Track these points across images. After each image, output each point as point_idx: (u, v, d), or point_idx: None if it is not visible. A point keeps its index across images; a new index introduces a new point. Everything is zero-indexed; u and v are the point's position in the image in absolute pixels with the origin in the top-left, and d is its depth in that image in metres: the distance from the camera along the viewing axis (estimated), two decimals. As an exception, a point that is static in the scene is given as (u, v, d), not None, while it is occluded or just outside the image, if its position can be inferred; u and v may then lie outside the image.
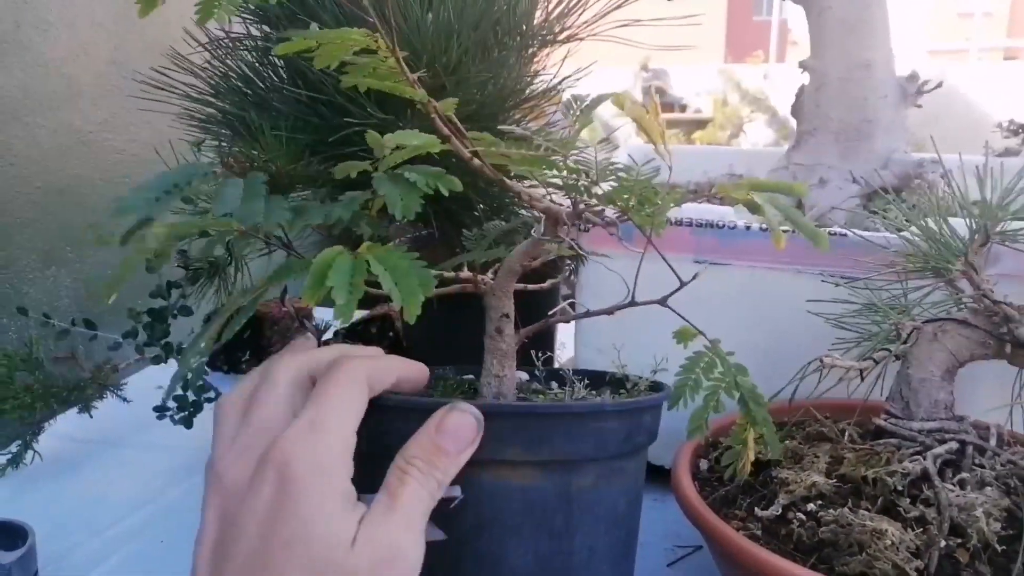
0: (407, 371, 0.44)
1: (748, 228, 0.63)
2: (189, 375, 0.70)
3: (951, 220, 0.52)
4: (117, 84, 1.09)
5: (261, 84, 0.70)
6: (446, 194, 0.39)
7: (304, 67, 0.65)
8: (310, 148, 0.65)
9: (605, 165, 0.40)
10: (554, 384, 0.53)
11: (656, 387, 0.50)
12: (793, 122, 0.83)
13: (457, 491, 0.40)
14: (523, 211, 0.78)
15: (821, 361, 0.49)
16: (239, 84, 0.69)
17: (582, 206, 0.41)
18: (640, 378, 0.51)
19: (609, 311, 0.46)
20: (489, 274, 0.49)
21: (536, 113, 0.77)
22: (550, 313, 0.51)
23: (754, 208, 0.37)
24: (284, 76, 0.72)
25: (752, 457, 0.44)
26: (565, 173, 0.40)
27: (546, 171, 0.40)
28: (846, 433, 0.52)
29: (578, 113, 0.48)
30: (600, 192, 0.40)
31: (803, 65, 0.78)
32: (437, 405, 0.40)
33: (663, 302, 0.44)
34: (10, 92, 0.95)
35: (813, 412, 0.55)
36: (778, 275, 0.63)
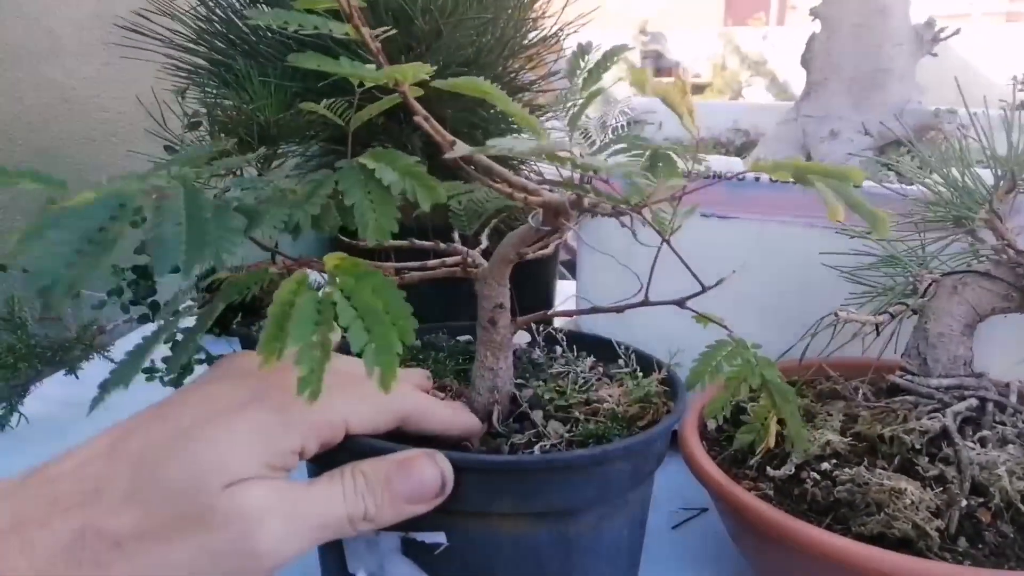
0: (455, 424, 0.40)
1: (757, 179, 0.61)
2: (179, 337, 0.68)
3: (974, 168, 0.49)
4: (101, 37, 1.05)
5: (246, 28, 0.67)
6: (426, 209, 0.32)
7: (292, 9, 0.62)
8: (299, 96, 0.62)
9: (616, 138, 0.36)
10: (557, 350, 0.50)
11: (668, 382, 0.46)
12: (793, 87, 0.80)
13: (441, 537, 0.37)
14: (522, 168, 0.75)
15: (836, 315, 0.47)
16: (223, 28, 0.66)
17: (588, 200, 0.37)
18: (646, 360, 0.47)
19: (618, 309, 0.42)
20: (483, 241, 0.45)
21: (536, 62, 0.74)
22: (551, 311, 0.46)
23: (805, 182, 0.33)
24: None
25: (772, 443, 0.42)
26: (569, 167, 0.35)
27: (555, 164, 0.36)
28: (860, 391, 0.50)
29: (585, 73, 0.43)
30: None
31: (815, 12, 0.75)
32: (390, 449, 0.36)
33: (682, 303, 0.40)
34: (-12, 45, 0.91)
35: (826, 369, 0.53)
36: (788, 228, 0.60)
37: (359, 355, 0.28)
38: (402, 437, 0.38)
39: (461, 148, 0.32)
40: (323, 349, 0.28)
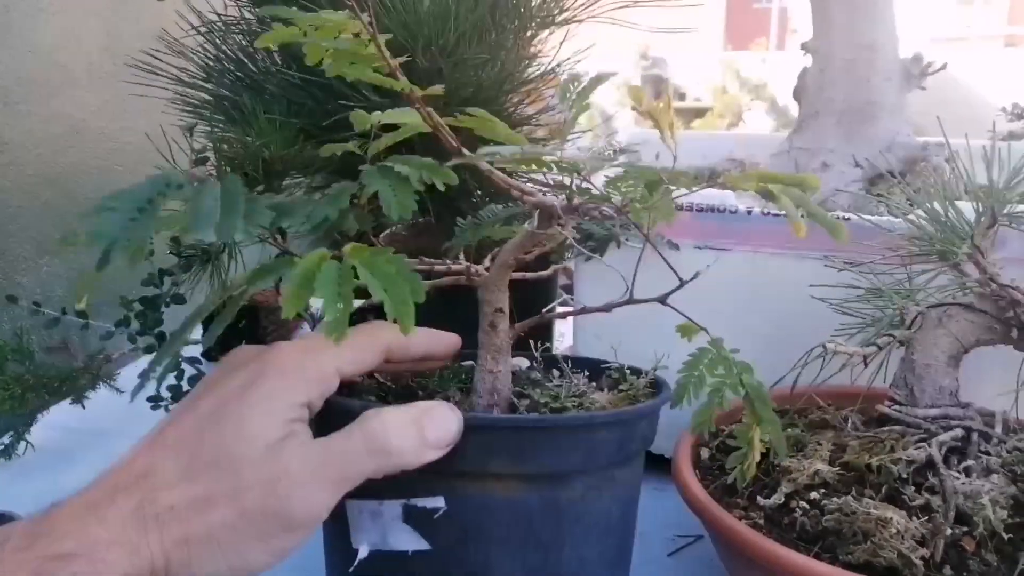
0: (437, 343, 0.44)
1: (749, 212, 0.62)
2: (183, 366, 0.69)
3: (957, 203, 0.51)
4: (110, 71, 1.08)
5: (253, 67, 0.69)
6: (442, 189, 0.37)
7: (298, 50, 0.64)
8: (304, 132, 0.64)
9: (600, 156, 0.39)
10: (555, 372, 0.51)
11: (655, 385, 0.48)
12: (793, 111, 0.82)
13: (440, 501, 0.39)
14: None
15: (824, 347, 0.48)
16: (231, 67, 0.68)
17: (576, 201, 0.39)
18: (640, 374, 0.50)
19: (607, 308, 0.45)
20: (486, 262, 0.47)
21: (534, 97, 0.76)
22: (546, 309, 0.49)
23: (770, 197, 0.36)
24: (278, 59, 0.70)
25: (758, 457, 0.43)
26: (555, 171, 0.38)
27: (535, 167, 0.39)
28: (849, 420, 0.51)
29: (574, 97, 0.46)
30: (596, 184, 0.39)
31: (806, 47, 0.77)
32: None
33: (663, 300, 0.43)
34: (1, 79, 0.93)
35: (816, 399, 0.55)
36: (780, 260, 0.62)
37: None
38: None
39: (472, 155, 0.37)
40: (346, 300, 0.32)
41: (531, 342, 0.52)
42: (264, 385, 0.37)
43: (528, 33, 0.76)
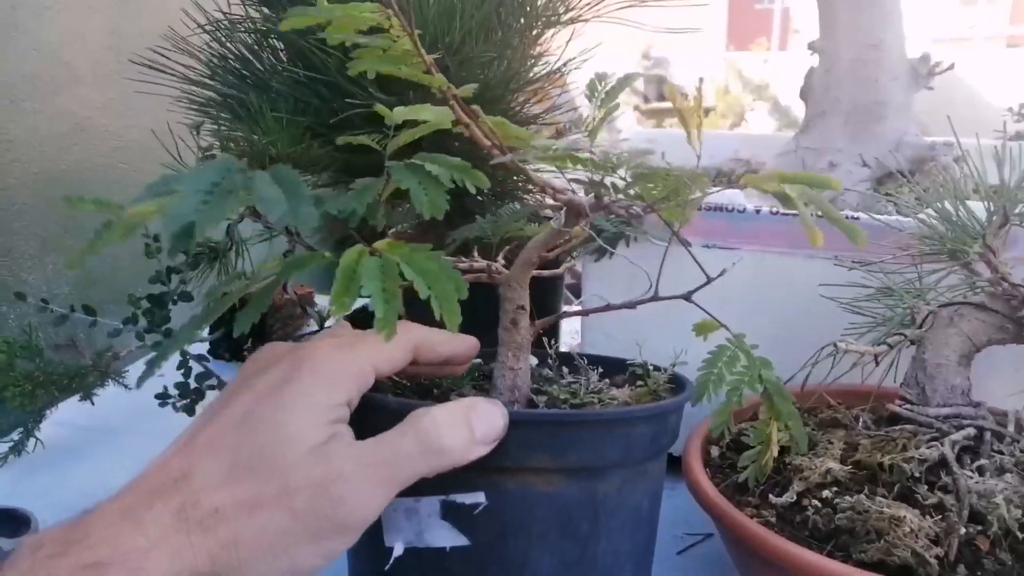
0: (458, 346, 0.44)
1: (758, 212, 0.62)
2: (191, 364, 0.69)
3: (968, 202, 0.50)
4: (115, 69, 1.08)
5: (259, 65, 0.69)
6: (472, 191, 0.37)
7: (305, 48, 0.64)
8: (311, 131, 0.64)
9: (628, 156, 0.39)
10: (564, 370, 0.51)
11: (674, 381, 0.49)
12: (795, 112, 0.82)
13: (481, 497, 0.39)
14: (527, 197, 0.77)
15: (835, 346, 0.48)
16: (237, 65, 0.68)
17: (607, 200, 0.39)
18: (658, 370, 0.50)
19: (631, 305, 0.45)
20: (500, 260, 0.47)
21: (540, 96, 0.76)
22: (567, 309, 0.49)
23: (786, 202, 0.35)
24: (284, 58, 0.70)
25: (775, 453, 0.43)
26: (590, 168, 0.38)
27: (569, 165, 0.39)
28: (860, 419, 0.51)
29: (602, 96, 0.46)
30: (620, 183, 0.39)
31: (812, 46, 0.77)
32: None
33: (688, 297, 0.43)
34: (6, 76, 0.93)
35: (826, 398, 0.54)
36: (789, 259, 0.62)
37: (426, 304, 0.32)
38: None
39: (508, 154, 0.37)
40: (394, 295, 0.32)
41: (544, 340, 0.52)
42: (299, 385, 0.36)
43: (534, 32, 0.76)
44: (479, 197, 0.75)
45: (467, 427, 0.37)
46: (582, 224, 0.40)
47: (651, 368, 0.50)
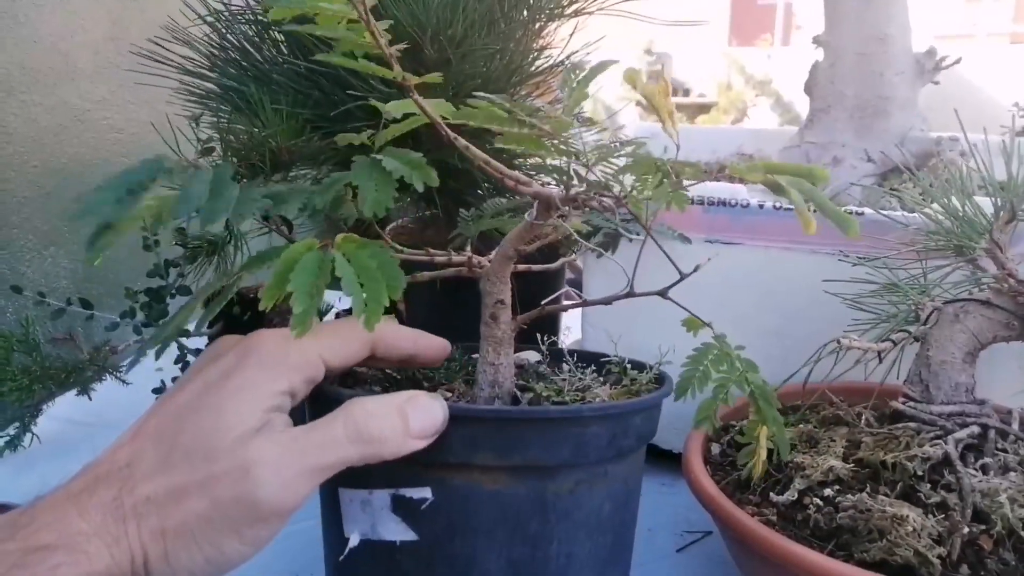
0: (426, 345, 0.43)
1: (761, 207, 0.62)
2: (188, 358, 0.68)
3: (975, 198, 0.50)
4: (115, 61, 1.07)
5: (259, 57, 0.68)
6: (420, 189, 0.37)
7: (305, 40, 0.64)
8: (311, 123, 0.64)
9: (603, 146, 0.38)
10: (563, 366, 0.51)
11: (659, 379, 0.48)
12: (798, 107, 0.82)
13: (427, 492, 0.39)
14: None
15: (839, 342, 0.48)
16: (237, 57, 0.68)
17: (574, 191, 0.39)
18: (643, 368, 0.49)
19: (607, 301, 0.45)
20: (493, 254, 0.47)
21: (543, 89, 0.75)
22: (544, 301, 0.49)
23: (777, 190, 0.35)
24: (284, 49, 0.70)
25: (764, 454, 0.43)
26: (555, 154, 0.38)
27: (540, 152, 0.38)
28: (863, 417, 0.51)
29: (575, 85, 0.45)
30: (596, 174, 0.39)
31: (817, 40, 0.76)
32: None
33: (663, 294, 0.42)
34: (6, 69, 0.93)
35: (828, 395, 0.54)
36: (792, 255, 0.61)
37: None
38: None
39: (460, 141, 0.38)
40: (319, 293, 0.32)
41: (538, 336, 0.51)
42: (243, 373, 0.36)
43: (537, 25, 0.75)
44: (480, 192, 0.74)
45: (400, 418, 0.37)
46: (559, 216, 0.40)
47: (628, 366, 0.50)
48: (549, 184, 0.42)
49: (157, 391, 0.68)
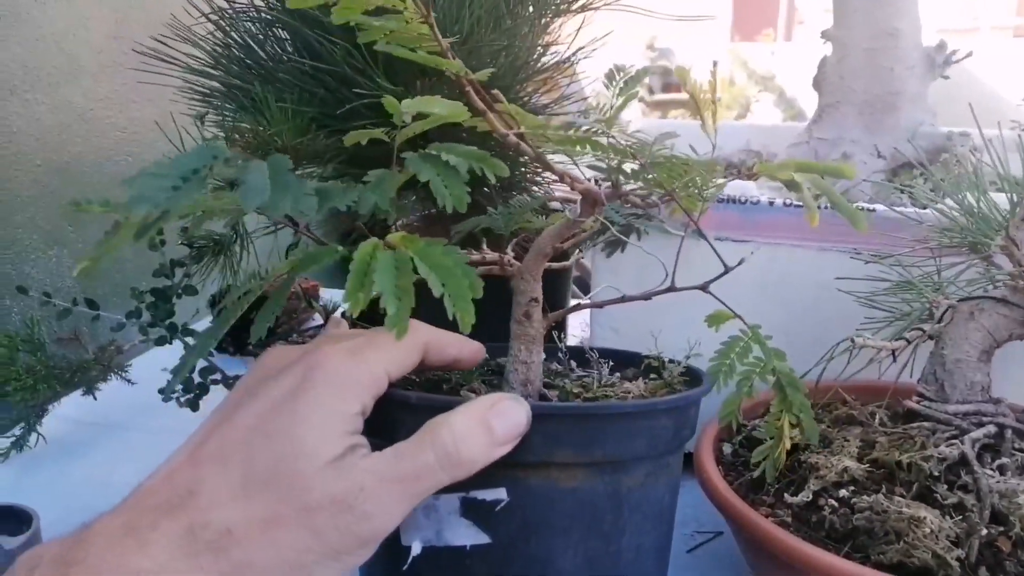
0: (465, 349, 0.43)
1: (771, 203, 0.61)
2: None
3: (990, 193, 0.49)
4: (118, 60, 1.07)
5: (264, 55, 0.67)
6: (493, 180, 0.35)
7: (310, 37, 0.63)
8: (316, 121, 0.63)
9: (645, 145, 0.38)
10: (572, 363, 0.50)
11: (688, 373, 0.48)
12: (801, 102, 0.81)
13: (503, 493, 0.38)
14: (536, 188, 0.75)
15: (852, 341, 0.47)
16: (241, 55, 0.67)
17: (625, 188, 0.39)
18: (672, 362, 0.49)
19: (647, 296, 0.44)
20: (509, 251, 0.46)
21: (549, 85, 0.75)
22: (578, 302, 0.48)
23: (792, 186, 0.34)
24: (289, 47, 0.69)
25: (788, 447, 0.42)
26: (610, 154, 0.37)
27: (587, 151, 0.37)
28: (876, 416, 0.50)
29: (621, 85, 0.45)
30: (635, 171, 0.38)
31: (826, 35, 0.75)
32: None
33: (705, 288, 0.42)
34: (9, 67, 0.92)
35: (842, 394, 0.53)
36: (802, 252, 0.61)
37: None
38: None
39: (521, 131, 0.37)
40: (407, 293, 0.31)
41: (553, 333, 0.51)
42: (314, 393, 0.35)
43: (543, 21, 0.74)
44: (486, 188, 0.74)
45: (487, 431, 0.36)
46: (596, 213, 0.39)
47: (666, 361, 0.49)
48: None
49: (163, 391, 0.67)
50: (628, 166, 0.38)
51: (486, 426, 0.36)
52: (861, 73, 0.73)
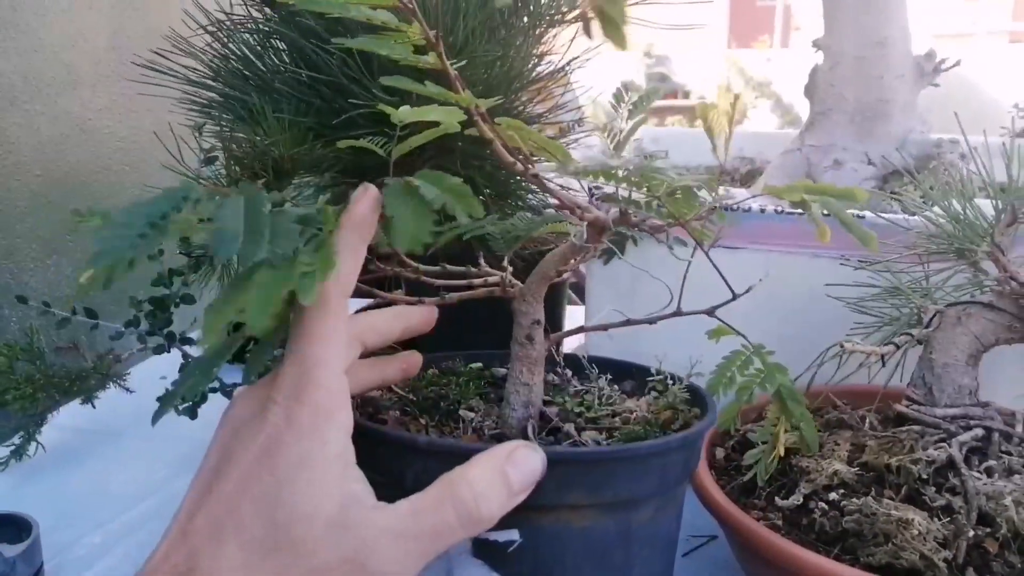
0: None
1: (763, 211, 0.62)
2: (183, 356, 0.69)
3: (976, 200, 0.50)
4: (117, 70, 1.08)
5: (262, 66, 0.68)
6: (465, 220, 0.33)
7: (307, 48, 0.64)
8: (313, 131, 0.64)
9: (650, 168, 0.38)
10: (567, 373, 0.51)
11: (690, 391, 0.47)
12: (797, 108, 0.82)
13: (515, 535, 0.38)
14: (530, 196, 0.76)
15: (841, 346, 0.48)
16: (239, 66, 0.68)
17: (635, 217, 0.39)
18: (673, 379, 0.49)
19: (651, 321, 0.44)
20: (507, 267, 0.46)
21: (544, 95, 0.76)
22: (583, 325, 0.49)
23: (803, 207, 0.35)
24: (286, 58, 0.70)
25: (782, 452, 0.43)
26: (623, 183, 0.37)
27: (602, 180, 0.37)
28: (866, 420, 0.51)
29: (630, 107, 0.45)
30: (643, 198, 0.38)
31: (817, 44, 0.76)
32: (479, 450, 0.37)
33: (711, 312, 0.42)
34: (8, 77, 0.93)
35: (832, 399, 0.54)
36: (793, 259, 0.61)
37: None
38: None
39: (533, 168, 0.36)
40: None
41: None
42: (287, 451, 0.33)
43: (538, 31, 0.75)
44: (481, 197, 0.75)
45: (505, 484, 0.35)
46: (603, 239, 0.39)
47: (670, 382, 0.49)
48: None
49: (161, 399, 0.68)
50: (638, 195, 0.38)
51: (504, 479, 0.35)
52: (852, 81, 0.74)
